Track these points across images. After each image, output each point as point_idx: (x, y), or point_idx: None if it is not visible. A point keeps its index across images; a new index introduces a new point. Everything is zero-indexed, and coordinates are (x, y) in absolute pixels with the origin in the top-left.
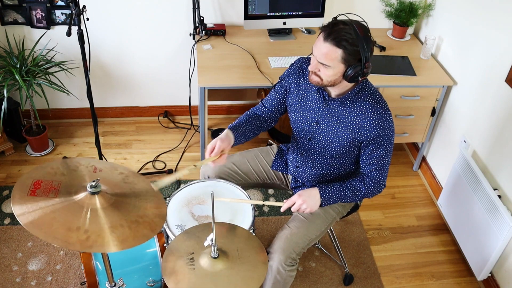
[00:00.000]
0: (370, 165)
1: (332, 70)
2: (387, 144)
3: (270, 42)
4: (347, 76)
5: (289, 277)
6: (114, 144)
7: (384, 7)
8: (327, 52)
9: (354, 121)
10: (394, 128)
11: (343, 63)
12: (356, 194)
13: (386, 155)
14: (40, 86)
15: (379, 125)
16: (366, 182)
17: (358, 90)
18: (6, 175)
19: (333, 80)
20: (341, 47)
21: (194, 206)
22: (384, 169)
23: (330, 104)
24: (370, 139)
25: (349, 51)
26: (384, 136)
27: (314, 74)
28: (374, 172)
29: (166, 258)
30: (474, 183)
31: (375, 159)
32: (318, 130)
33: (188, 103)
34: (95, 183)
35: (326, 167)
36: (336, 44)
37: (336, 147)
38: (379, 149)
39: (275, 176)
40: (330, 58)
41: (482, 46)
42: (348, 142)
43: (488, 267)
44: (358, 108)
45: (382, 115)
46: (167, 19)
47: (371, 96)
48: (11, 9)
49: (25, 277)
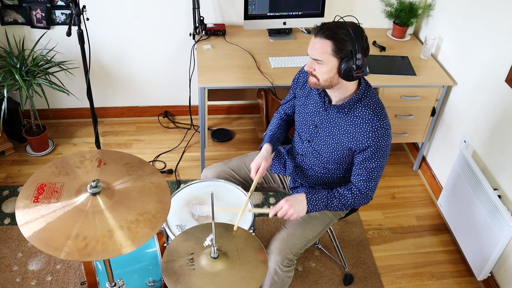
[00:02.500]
0: (359, 175)
1: (326, 66)
2: (379, 157)
3: (270, 42)
4: (342, 71)
5: (287, 277)
6: (114, 144)
7: (384, 7)
8: (319, 46)
9: (349, 130)
10: (390, 142)
11: (334, 57)
12: (342, 203)
13: (376, 168)
14: (40, 86)
15: (372, 137)
16: (354, 192)
17: (358, 99)
18: (6, 175)
19: (329, 78)
20: (330, 39)
21: (194, 206)
22: (372, 181)
23: (329, 110)
24: (362, 149)
25: (339, 42)
26: (376, 148)
27: (311, 75)
28: (361, 183)
29: (166, 258)
30: (474, 183)
31: (364, 170)
32: (317, 134)
33: (188, 103)
34: (95, 183)
35: (325, 171)
36: (326, 36)
37: (331, 152)
38: (370, 161)
39: (272, 179)
40: (322, 51)
41: (482, 46)
42: (342, 149)
43: (488, 267)
44: (355, 117)
45: (378, 128)
46: (167, 19)
47: (371, 107)
48: (11, 9)
49: (25, 277)
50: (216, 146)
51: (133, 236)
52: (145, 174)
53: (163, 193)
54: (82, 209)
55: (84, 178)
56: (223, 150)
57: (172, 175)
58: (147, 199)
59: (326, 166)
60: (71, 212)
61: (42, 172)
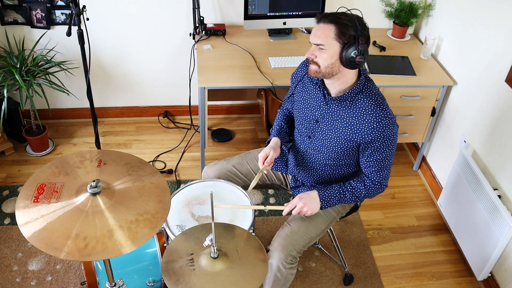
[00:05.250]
0: (369, 167)
1: (328, 51)
2: (387, 147)
3: (270, 42)
4: (343, 57)
5: (290, 275)
6: (114, 144)
7: (384, 7)
8: (321, 31)
9: (352, 122)
10: (396, 130)
11: (337, 41)
12: (356, 196)
13: (385, 158)
14: (40, 86)
15: (377, 128)
16: (366, 183)
17: (359, 91)
18: (6, 175)
19: (330, 65)
20: (334, 23)
21: (194, 206)
22: (384, 170)
23: (330, 103)
24: (368, 142)
25: (342, 26)
26: (383, 140)
27: (311, 63)
28: (374, 174)
29: (166, 259)
30: (474, 183)
31: (374, 162)
32: (318, 129)
33: (188, 103)
34: (95, 183)
35: (326, 168)
36: (329, 21)
37: (334, 147)
38: (378, 153)
39: (274, 176)
40: (324, 36)
41: (482, 46)
42: (345, 143)
43: (488, 267)
44: (357, 109)
45: (381, 118)
46: (167, 19)
47: (372, 97)
48: (11, 9)
49: (25, 277)
50: (216, 146)
51: (133, 236)
52: (145, 174)
53: (163, 193)
54: (82, 209)
55: (84, 178)
56: (223, 150)
57: (172, 175)
58: (147, 199)
59: (327, 162)
60: (71, 212)
61: (42, 172)
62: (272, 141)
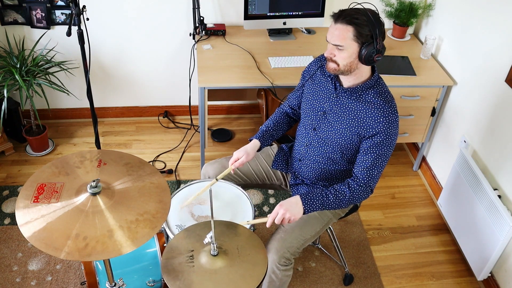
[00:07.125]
0: (362, 162)
1: (347, 51)
2: (387, 144)
3: (270, 42)
4: (362, 56)
5: (285, 276)
6: (114, 144)
7: (384, 7)
8: (340, 32)
9: (360, 115)
10: (397, 131)
11: (356, 41)
12: (340, 199)
13: (382, 155)
14: (40, 86)
15: (383, 122)
16: (352, 186)
17: (370, 86)
18: (6, 175)
19: (349, 63)
20: (351, 24)
21: (194, 206)
22: (375, 169)
23: (340, 94)
24: (371, 134)
25: (360, 26)
26: (384, 136)
27: (330, 60)
28: (364, 172)
29: (166, 255)
30: (474, 183)
31: (369, 156)
32: (324, 120)
33: (188, 103)
34: (95, 183)
35: (329, 162)
36: (346, 22)
37: (339, 138)
38: (377, 147)
39: (274, 176)
40: (343, 37)
41: (482, 46)
42: (351, 135)
43: (488, 267)
44: (366, 103)
45: (388, 114)
46: (167, 19)
47: (382, 94)
48: (11, 9)
49: (25, 277)
50: (216, 146)
51: (133, 236)
52: (145, 174)
53: (163, 193)
54: (82, 209)
55: (84, 178)
56: (223, 150)
57: (172, 175)
58: (147, 199)
59: (330, 156)
60: (71, 212)
61: (42, 172)
62: (251, 144)
